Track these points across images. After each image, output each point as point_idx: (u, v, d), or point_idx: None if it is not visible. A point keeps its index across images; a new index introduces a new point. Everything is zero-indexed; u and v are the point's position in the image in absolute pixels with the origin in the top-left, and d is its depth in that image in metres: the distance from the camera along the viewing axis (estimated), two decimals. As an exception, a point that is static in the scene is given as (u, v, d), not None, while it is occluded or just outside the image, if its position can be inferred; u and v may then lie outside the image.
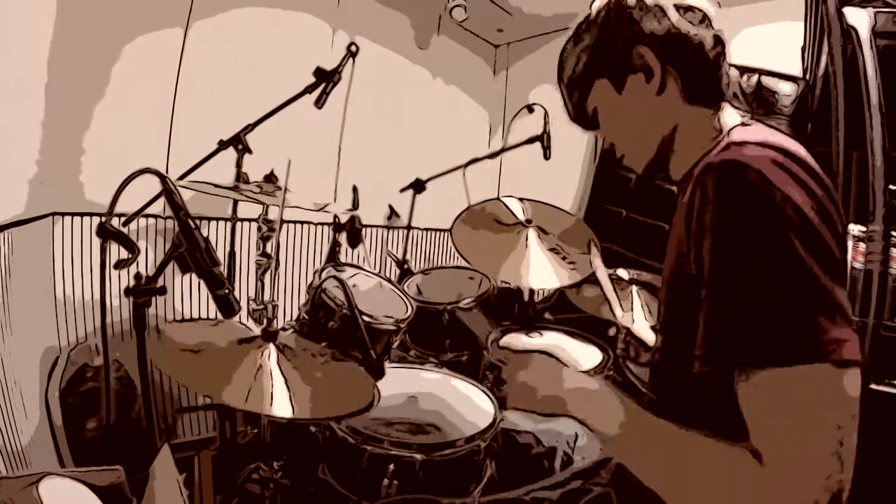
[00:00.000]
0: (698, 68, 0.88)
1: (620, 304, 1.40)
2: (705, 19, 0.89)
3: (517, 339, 1.95)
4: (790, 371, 0.63)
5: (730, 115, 0.91)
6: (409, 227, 2.59)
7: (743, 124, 0.88)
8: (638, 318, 1.73)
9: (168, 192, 1.16)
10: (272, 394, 1.07)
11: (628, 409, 0.80)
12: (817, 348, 0.63)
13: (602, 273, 1.49)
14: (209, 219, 2.27)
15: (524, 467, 1.38)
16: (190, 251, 1.12)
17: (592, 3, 0.97)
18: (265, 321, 1.35)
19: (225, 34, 2.29)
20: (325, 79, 1.80)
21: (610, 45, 0.92)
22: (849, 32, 1.64)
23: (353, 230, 1.96)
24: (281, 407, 1.05)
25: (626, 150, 0.99)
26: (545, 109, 2.16)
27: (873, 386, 1.53)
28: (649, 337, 1.30)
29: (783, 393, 0.64)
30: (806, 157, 0.74)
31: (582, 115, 1.02)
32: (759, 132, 0.82)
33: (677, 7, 0.88)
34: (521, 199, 2.12)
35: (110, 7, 1.97)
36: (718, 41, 0.89)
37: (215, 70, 2.25)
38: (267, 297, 1.68)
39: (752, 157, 0.71)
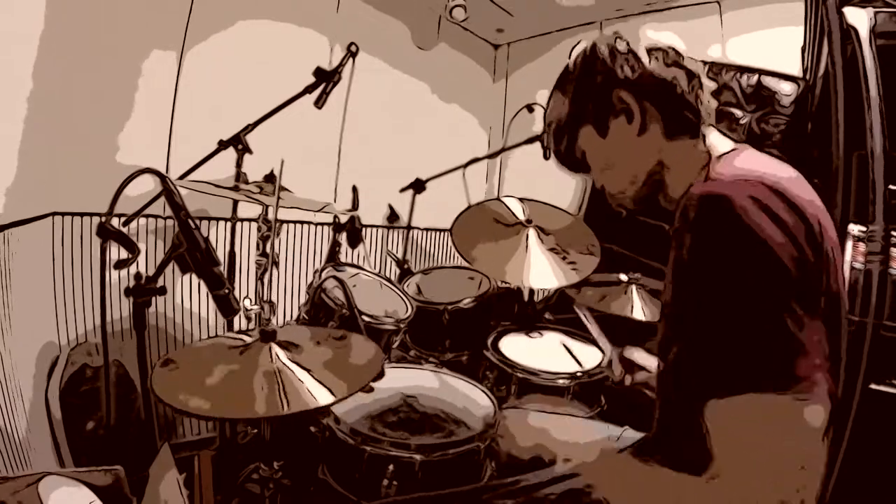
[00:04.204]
0: (675, 105, 0.92)
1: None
2: (677, 59, 0.93)
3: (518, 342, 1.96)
4: (753, 399, 0.66)
5: (716, 139, 0.94)
6: (409, 227, 2.59)
7: (733, 150, 0.91)
8: (637, 314, 1.74)
9: (168, 192, 1.16)
10: (307, 388, 1.03)
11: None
12: (781, 382, 0.66)
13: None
14: (209, 219, 2.27)
15: (525, 467, 1.38)
16: (190, 251, 1.11)
17: (571, 53, 1.02)
18: (264, 321, 1.35)
19: (225, 36, 2.29)
20: (325, 79, 1.80)
21: (589, 92, 0.97)
22: (849, 32, 1.64)
23: (353, 230, 1.96)
24: (322, 396, 1.02)
25: (616, 190, 1.04)
26: (545, 109, 2.15)
27: (873, 386, 1.53)
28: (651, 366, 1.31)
29: (746, 420, 0.67)
30: (788, 187, 0.76)
31: (571, 161, 1.07)
32: (742, 162, 0.85)
33: (648, 51, 0.94)
34: (521, 199, 2.12)
35: (111, 8, 1.98)
36: (692, 76, 0.93)
37: (215, 70, 2.25)
38: (266, 297, 1.68)
39: (729, 191, 0.73)
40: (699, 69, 0.94)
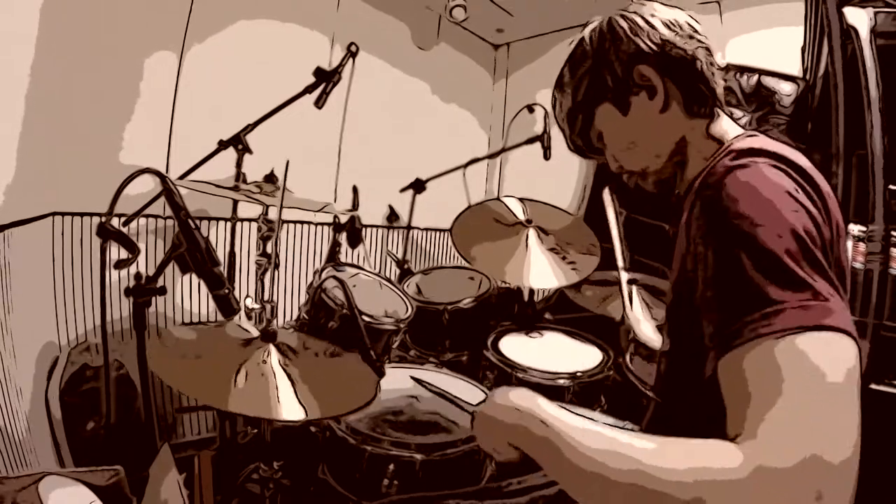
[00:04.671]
0: (696, 81, 0.90)
1: (626, 264, 1.38)
2: (693, 33, 0.92)
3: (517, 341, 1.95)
4: (739, 352, 0.63)
5: (728, 124, 0.93)
6: (409, 227, 2.59)
7: (749, 136, 0.89)
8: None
9: (168, 192, 1.16)
10: (279, 398, 1.05)
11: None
12: (750, 330, 0.62)
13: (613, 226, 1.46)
14: (209, 219, 2.27)
15: (525, 466, 1.38)
16: (190, 251, 1.11)
17: (583, 29, 0.98)
18: (264, 321, 1.35)
19: (225, 36, 2.29)
20: (325, 79, 1.80)
21: (608, 68, 0.93)
22: (849, 32, 1.64)
23: (353, 230, 1.96)
24: (290, 410, 1.04)
25: (638, 168, 0.98)
26: (545, 109, 2.16)
27: (873, 386, 1.53)
28: (651, 337, 1.31)
29: (739, 374, 0.63)
30: (806, 165, 0.76)
31: (585, 143, 1.03)
32: (759, 142, 0.83)
33: (666, 24, 0.91)
34: (521, 199, 2.12)
35: (111, 8, 1.98)
36: (709, 52, 0.92)
37: (215, 70, 2.25)
38: (266, 296, 1.68)
39: (756, 162, 0.73)
40: (712, 45, 0.92)
